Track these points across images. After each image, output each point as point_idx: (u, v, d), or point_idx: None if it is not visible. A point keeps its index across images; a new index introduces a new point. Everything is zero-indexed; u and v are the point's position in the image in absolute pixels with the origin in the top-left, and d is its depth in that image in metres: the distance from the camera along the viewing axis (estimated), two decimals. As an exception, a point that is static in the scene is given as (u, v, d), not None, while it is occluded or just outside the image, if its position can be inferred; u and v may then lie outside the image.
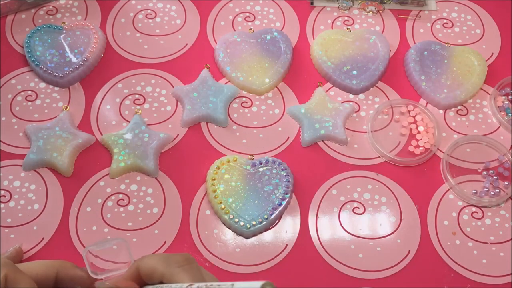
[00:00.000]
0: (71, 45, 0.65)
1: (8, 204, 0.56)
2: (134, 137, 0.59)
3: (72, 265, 0.47)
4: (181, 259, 0.39)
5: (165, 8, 0.70)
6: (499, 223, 0.57)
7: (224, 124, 0.61)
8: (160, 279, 0.39)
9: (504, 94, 0.64)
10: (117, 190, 0.57)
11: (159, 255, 0.40)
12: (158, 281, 0.40)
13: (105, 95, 0.63)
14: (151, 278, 0.40)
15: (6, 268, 0.40)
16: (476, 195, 0.58)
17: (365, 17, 0.70)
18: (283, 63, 0.64)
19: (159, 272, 0.39)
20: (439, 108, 0.64)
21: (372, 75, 0.64)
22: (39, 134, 0.59)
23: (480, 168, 0.60)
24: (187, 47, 0.67)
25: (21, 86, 0.63)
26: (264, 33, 0.67)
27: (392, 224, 0.57)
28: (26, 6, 0.69)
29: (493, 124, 0.63)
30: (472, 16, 0.71)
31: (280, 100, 0.64)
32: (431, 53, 0.66)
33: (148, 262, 0.40)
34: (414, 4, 0.71)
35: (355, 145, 0.61)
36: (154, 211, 0.56)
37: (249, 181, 0.57)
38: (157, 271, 0.39)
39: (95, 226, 0.55)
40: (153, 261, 0.39)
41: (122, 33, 0.68)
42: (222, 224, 0.56)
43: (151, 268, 0.40)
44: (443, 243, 0.56)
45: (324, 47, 0.66)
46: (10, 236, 0.55)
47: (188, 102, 0.62)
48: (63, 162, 0.57)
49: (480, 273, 0.54)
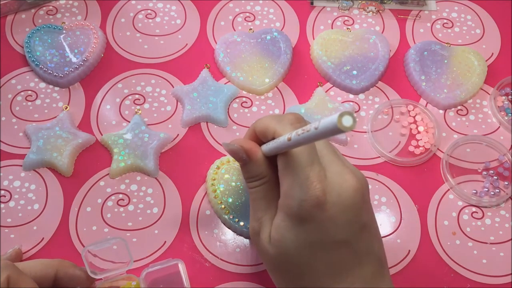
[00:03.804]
0: (71, 45, 0.65)
1: (8, 204, 0.56)
2: (134, 137, 0.59)
3: (71, 265, 0.47)
4: (293, 118, 0.43)
5: (165, 8, 0.70)
6: (499, 223, 0.57)
7: (224, 124, 0.61)
8: (272, 136, 0.43)
9: (504, 94, 0.64)
10: (117, 190, 0.57)
11: (273, 115, 0.45)
12: (271, 138, 0.43)
13: (105, 95, 0.63)
14: (265, 135, 0.44)
15: (8, 269, 0.40)
16: (476, 195, 0.58)
17: (365, 17, 0.70)
18: (283, 63, 0.64)
19: (271, 129, 0.43)
20: (439, 108, 0.64)
21: (372, 75, 0.64)
22: (39, 134, 0.59)
23: (480, 168, 0.60)
24: (187, 47, 0.67)
25: (21, 86, 0.64)
26: (264, 33, 0.67)
27: (392, 224, 0.57)
28: (26, 6, 0.69)
29: (493, 124, 0.63)
30: (472, 16, 0.71)
31: (280, 100, 0.64)
32: (431, 53, 0.66)
33: (262, 121, 0.44)
34: (414, 4, 0.71)
35: (355, 145, 0.61)
36: (154, 211, 0.56)
37: (249, 181, 0.57)
38: (270, 128, 0.43)
39: (95, 226, 0.55)
40: (267, 120, 0.44)
41: (122, 33, 0.68)
42: (222, 224, 0.56)
43: (265, 126, 0.43)
44: (443, 243, 0.56)
45: (324, 47, 0.66)
46: (10, 236, 0.55)
47: (188, 102, 0.62)
48: (63, 162, 0.57)
49: (480, 273, 0.54)
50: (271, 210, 0.43)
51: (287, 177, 0.41)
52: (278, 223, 0.42)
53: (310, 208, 0.39)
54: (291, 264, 0.42)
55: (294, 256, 0.41)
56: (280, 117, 0.43)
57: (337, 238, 0.40)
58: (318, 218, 0.40)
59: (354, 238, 0.41)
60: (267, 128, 0.43)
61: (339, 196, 0.40)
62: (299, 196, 0.39)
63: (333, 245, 0.41)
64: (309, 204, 0.39)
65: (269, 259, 0.43)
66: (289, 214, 0.41)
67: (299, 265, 0.41)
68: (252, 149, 0.44)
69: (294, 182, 0.40)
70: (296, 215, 0.40)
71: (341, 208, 0.40)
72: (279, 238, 0.41)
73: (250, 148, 0.44)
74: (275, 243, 0.42)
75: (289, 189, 0.40)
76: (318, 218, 0.40)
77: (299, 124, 0.42)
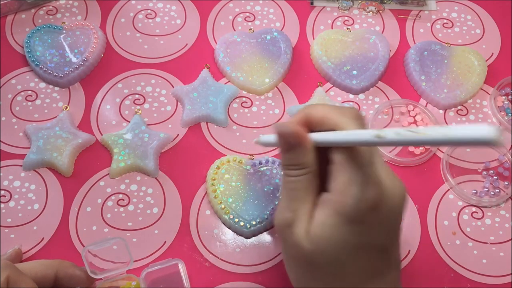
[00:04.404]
0: (71, 45, 0.65)
1: (8, 204, 0.56)
2: (134, 137, 0.59)
3: (71, 265, 0.47)
4: (354, 112, 0.41)
5: (165, 8, 0.70)
6: (499, 223, 0.57)
7: (224, 124, 0.61)
8: (333, 127, 0.40)
9: (504, 94, 0.64)
10: (117, 190, 0.57)
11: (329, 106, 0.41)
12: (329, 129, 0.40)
13: (105, 95, 0.63)
14: (322, 125, 0.41)
15: (8, 269, 0.40)
16: (476, 195, 0.58)
17: (365, 17, 0.70)
18: (283, 63, 0.64)
19: (332, 120, 0.40)
20: (439, 108, 0.64)
21: (372, 75, 0.64)
22: (39, 134, 0.59)
23: (480, 168, 0.60)
24: (187, 47, 0.67)
25: (21, 86, 0.64)
26: (264, 33, 0.67)
27: (392, 224, 0.57)
28: (26, 6, 0.69)
29: (493, 124, 0.63)
30: (472, 16, 0.71)
31: (280, 100, 0.64)
32: (431, 53, 0.66)
33: (320, 109, 0.41)
34: (414, 4, 0.71)
35: (355, 145, 0.61)
36: (154, 211, 0.56)
37: (249, 181, 0.57)
38: (331, 119, 0.40)
39: (95, 226, 0.55)
40: (325, 109, 0.41)
41: (122, 33, 0.68)
42: (222, 224, 0.56)
43: (324, 115, 0.41)
44: (443, 243, 0.56)
45: (324, 47, 0.66)
46: (10, 236, 0.55)
47: (188, 102, 0.62)
48: (63, 162, 0.57)
49: (480, 273, 0.54)
50: (308, 203, 0.41)
51: (344, 173, 0.38)
52: (323, 219, 0.39)
53: (366, 209, 0.37)
54: (326, 263, 0.40)
55: (332, 255, 0.39)
56: (340, 109, 0.41)
57: (381, 242, 0.40)
58: (370, 221, 0.38)
59: (392, 244, 0.41)
60: (326, 117, 0.40)
61: (391, 201, 0.39)
62: (357, 195, 0.37)
63: (375, 249, 0.40)
64: (366, 205, 0.37)
65: (300, 255, 0.40)
66: (340, 212, 0.38)
67: (334, 264, 0.39)
68: (303, 135, 0.41)
69: (352, 180, 0.38)
70: (348, 214, 0.38)
71: (391, 214, 0.39)
72: (322, 235, 0.39)
73: (301, 134, 0.41)
74: (316, 240, 0.39)
75: (345, 186, 0.38)
76: (370, 221, 0.38)
77: (360, 120, 0.40)
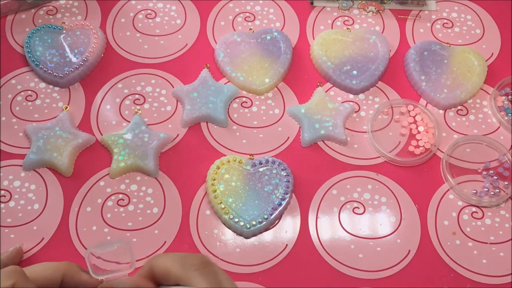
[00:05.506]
0: (71, 45, 0.65)
1: (8, 204, 0.56)
2: (134, 137, 0.59)
3: (78, 268, 0.47)
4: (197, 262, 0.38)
5: (165, 8, 0.70)
6: (499, 223, 0.57)
7: (224, 124, 0.61)
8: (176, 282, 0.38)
9: (504, 94, 0.64)
10: (117, 190, 0.57)
11: (174, 255, 0.38)
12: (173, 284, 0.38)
13: (105, 95, 0.63)
14: (166, 279, 0.39)
15: (16, 276, 0.40)
16: (476, 195, 0.58)
17: (365, 17, 0.70)
18: (283, 63, 0.64)
19: (174, 275, 0.38)
20: (439, 108, 0.64)
21: (372, 75, 0.64)
22: (39, 134, 0.59)
23: (480, 168, 0.60)
24: (187, 47, 0.67)
25: (21, 86, 0.64)
26: (264, 33, 0.67)
27: (392, 224, 0.57)
28: (26, 6, 0.69)
29: (493, 124, 0.63)
30: (472, 16, 0.71)
31: (280, 100, 0.64)
32: (431, 53, 0.66)
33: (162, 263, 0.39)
34: (414, 4, 0.71)
35: (355, 145, 0.61)
36: (154, 211, 0.56)
37: (249, 181, 0.57)
38: (173, 274, 0.38)
39: (95, 226, 0.55)
40: (168, 262, 0.38)
41: (122, 33, 0.68)
42: (222, 224, 0.56)
43: (166, 270, 0.38)
44: (443, 243, 0.56)
45: (324, 47, 0.66)
46: (10, 236, 0.55)
47: (188, 102, 0.62)
48: (63, 162, 0.57)
49: (480, 273, 0.54)
50: None
51: None
52: None
53: None
54: None
55: None
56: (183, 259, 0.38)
57: None
58: None
59: None
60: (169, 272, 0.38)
61: None
62: None
63: None
64: None
65: None
66: None
67: None
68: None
69: None
70: None
71: None
72: None
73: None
74: None
75: None
76: None
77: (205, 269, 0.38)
